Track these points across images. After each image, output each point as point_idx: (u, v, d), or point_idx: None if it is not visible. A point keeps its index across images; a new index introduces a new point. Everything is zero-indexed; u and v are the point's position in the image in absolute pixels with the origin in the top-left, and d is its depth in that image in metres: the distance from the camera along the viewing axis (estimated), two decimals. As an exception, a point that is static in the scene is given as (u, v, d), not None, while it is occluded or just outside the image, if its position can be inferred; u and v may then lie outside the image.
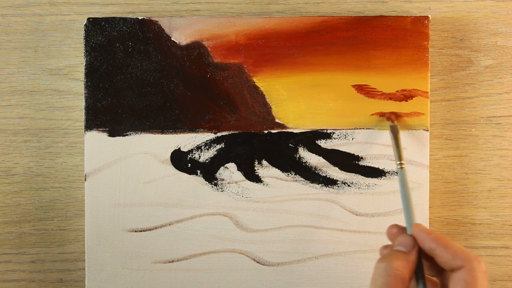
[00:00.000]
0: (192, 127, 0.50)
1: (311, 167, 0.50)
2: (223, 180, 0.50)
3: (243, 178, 0.50)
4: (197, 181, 0.50)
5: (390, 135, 0.48)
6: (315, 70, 0.49)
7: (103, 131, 0.49)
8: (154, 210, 0.50)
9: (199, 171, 0.50)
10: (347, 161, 0.50)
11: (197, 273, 0.50)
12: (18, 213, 0.52)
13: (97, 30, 0.49)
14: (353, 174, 0.50)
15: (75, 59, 0.52)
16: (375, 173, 0.50)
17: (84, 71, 0.49)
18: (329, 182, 0.50)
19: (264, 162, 0.50)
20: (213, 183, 0.50)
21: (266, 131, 0.50)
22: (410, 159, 0.49)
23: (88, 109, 0.49)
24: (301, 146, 0.50)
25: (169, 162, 0.50)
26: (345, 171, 0.50)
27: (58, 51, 0.52)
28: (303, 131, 0.50)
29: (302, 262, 0.50)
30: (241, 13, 0.51)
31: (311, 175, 0.50)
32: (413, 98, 0.49)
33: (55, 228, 0.52)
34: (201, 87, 0.50)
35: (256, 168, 0.50)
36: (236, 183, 0.50)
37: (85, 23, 0.49)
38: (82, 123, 0.51)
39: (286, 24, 0.49)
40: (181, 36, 0.50)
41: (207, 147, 0.50)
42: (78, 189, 0.52)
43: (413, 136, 0.49)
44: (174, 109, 0.50)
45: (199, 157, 0.50)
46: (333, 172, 0.50)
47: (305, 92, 0.50)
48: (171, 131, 0.50)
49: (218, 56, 0.50)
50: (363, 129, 0.50)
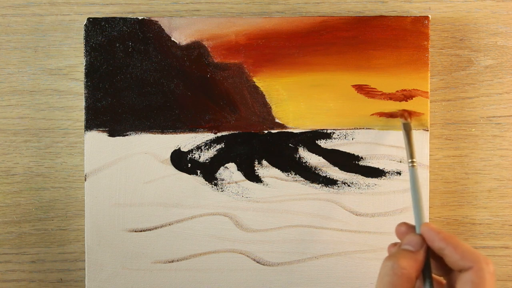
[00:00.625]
0: (192, 127, 0.50)
1: (311, 167, 0.50)
2: (223, 180, 0.50)
3: (243, 178, 0.50)
4: (197, 181, 0.50)
5: (403, 132, 0.47)
6: (315, 70, 0.49)
7: (103, 131, 0.49)
8: (154, 210, 0.50)
9: (199, 171, 0.50)
10: (347, 161, 0.50)
11: (197, 273, 0.50)
12: (18, 213, 0.52)
13: (97, 30, 0.49)
14: (353, 174, 0.50)
15: (75, 59, 0.52)
16: (375, 173, 0.50)
17: (84, 71, 0.49)
18: (329, 182, 0.50)
19: (264, 162, 0.50)
20: (213, 183, 0.50)
21: (266, 131, 0.50)
22: (410, 159, 0.50)
23: (88, 109, 0.49)
24: (301, 146, 0.50)
25: (169, 162, 0.50)
26: (345, 171, 0.50)
27: (58, 51, 0.52)
28: (303, 131, 0.50)
29: (302, 262, 0.50)
30: (241, 13, 0.51)
31: (311, 175, 0.50)
32: (413, 98, 0.49)
33: (55, 228, 0.52)
34: (201, 87, 0.50)
35: (256, 168, 0.50)
36: (236, 183, 0.50)
37: (85, 23, 0.49)
38: (82, 123, 0.51)
39: (286, 24, 0.49)
40: (181, 36, 0.50)
41: (207, 147, 0.50)
42: (78, 189, 0.52)
43: (413, 136, 0.49)
44: (174, 109, 0.50)
45: (199, 157, 0.50)
46: (333, 172, 0.50)
47: (305, 92, 0.50)
48: (171, 131, 0.50)
49: (218, 56, 0.50)
50: (363, 129, 0.50)
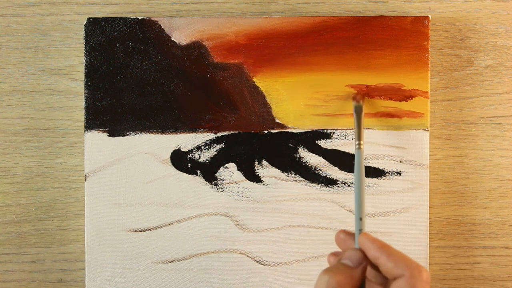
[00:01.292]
0: (192, 127, 0.50)
1: (311, 167, 0.50)
2: (223, 180, 0.50)
3: (243, 178, 0.50)
4: (197, 181, 0.50)
5: (354, 114, 0.47)
6: (315, 70, 0.49)
7: (103, 131, 0.49)
8: (154, 210, 0.50)
9: (199, 171, 0.50)
10: (347, 161, 0.50)
11: (197, 273, 0.50)
12: (18, 213, 0.52)
13: (97, 30, 0.49)
14: (353, 174, 0.50)
15: (75, 59, 0.52)
16: (375, 173, 0.50)
17: (84, 71, 0.49)
18: (329, 182, 0.50)
19: (264, 162, 0.50)
20: (213, 183, 0.50)
21: (266, 131, 0.50)
22: (410, 159, 0.49)
23: (88, 109, 0.49)
24: (301, 146, 0.50)
25: (169, 162, 0.50)
26: (345, 171, 0.50)
27: (58, 51, 0.52)
28: (303, 131, 0.50)
29: (302, 262, 0.50)
30: (241, 13, 0.51)
31: (311, 175, 0.50)
32: (413, 98, 0.49)
33: (55, 228, 0.52)
34: (201, 87, 0.50)
35: (256, 168, 0.50)
36: (236, 183, 0.50)
37: (85, 23, 0.49)
38: (82, 123, 0.51)
39: (286, 24, 0.49)
40: (181, 36, 0.50)
41: (207, 147, 0.50)
42: (78, 189, 0.52)
43: (413, 136, 0.49)
44: (174, 109, 0.50)
45: (199, 157, 0.50)
46: (333, 172, 0.50)
47: (305, 92, 0.50)
48: (171, 131, 0.50)
49: (218, 56, 0.50)
50: (363, 129, 0.50)
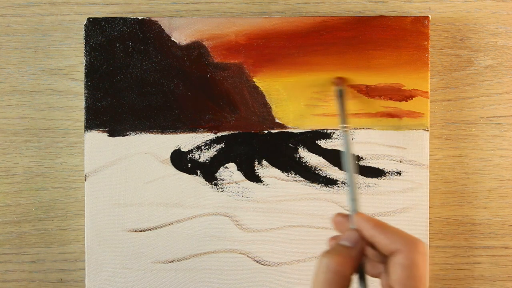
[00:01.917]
0: (192, 127, 0.50)
1: (311, 167, 0.50)
2: (223, 180, 0.50)
3: (243, 178, 0.50)
4: (197, 181, 0.50)
5: (336, 99, 0.47)
6: (315, 70, 0.49)
7: (103, 131, 0.49)
8: (154, 210, 0.50)
9: (199, 171, 0.50)
10: (347, 161, 0.50)
11: (197, 273, 0.50)
12: (18, 213, 0.52)
13: (97, 30, 0.49)
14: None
15: (75, 59, 0.52)
16: (375, 173, 0.50)
17: (84, 71, 0.49)
18: (329, 182, 0.50)
19: (264, 162, 0.50)
20: (213, 183, 0.50)
21: (266, 131, 0.50)
22: (410, 159, 0.49)
23: (88, 109, 0.49)
24: (301, 146, 0.50)
25: (169, 162, 0.50)
26: (345, 171, 0.50)
27: (58, 51, 0.52)
28: (303, 131, 0.50)
29: (302, 262, 0.50)
30: (241, 13, 0.51)
31: (311, 175, 0.50)
32: (413, 98, 0.49)
33: (55, 228, 0.52)
34: (201, 87, 0.50)
35: (256, 168, 0.50)
36: (236, 183, 0.50)
37: (85, 23, 0.49)
38: (82, 123, 0.51)
39: (286, 24, 0.49)
40: (181, 36, 0.50)
41: (207, 147, 0.50)
42: (78, 189, 0.52)
43: (413, 136, 0.49)
44: (174, 109, 0.50)
45: (199, 157, 0.50)
46: (333, 172, 0.50)
47: (305, 92, 0.50)
48: (171, 131, 0.50)
49: (218, 56, 0.50)
50: (363, 129, 0.50)
